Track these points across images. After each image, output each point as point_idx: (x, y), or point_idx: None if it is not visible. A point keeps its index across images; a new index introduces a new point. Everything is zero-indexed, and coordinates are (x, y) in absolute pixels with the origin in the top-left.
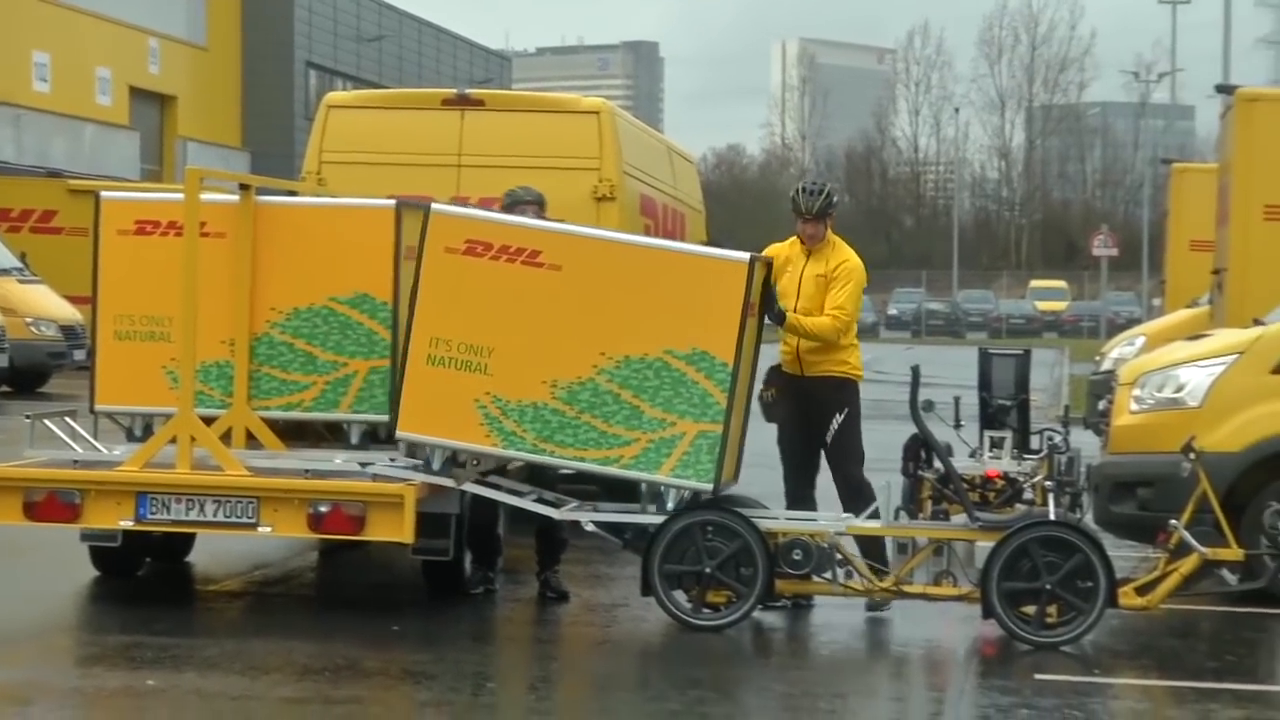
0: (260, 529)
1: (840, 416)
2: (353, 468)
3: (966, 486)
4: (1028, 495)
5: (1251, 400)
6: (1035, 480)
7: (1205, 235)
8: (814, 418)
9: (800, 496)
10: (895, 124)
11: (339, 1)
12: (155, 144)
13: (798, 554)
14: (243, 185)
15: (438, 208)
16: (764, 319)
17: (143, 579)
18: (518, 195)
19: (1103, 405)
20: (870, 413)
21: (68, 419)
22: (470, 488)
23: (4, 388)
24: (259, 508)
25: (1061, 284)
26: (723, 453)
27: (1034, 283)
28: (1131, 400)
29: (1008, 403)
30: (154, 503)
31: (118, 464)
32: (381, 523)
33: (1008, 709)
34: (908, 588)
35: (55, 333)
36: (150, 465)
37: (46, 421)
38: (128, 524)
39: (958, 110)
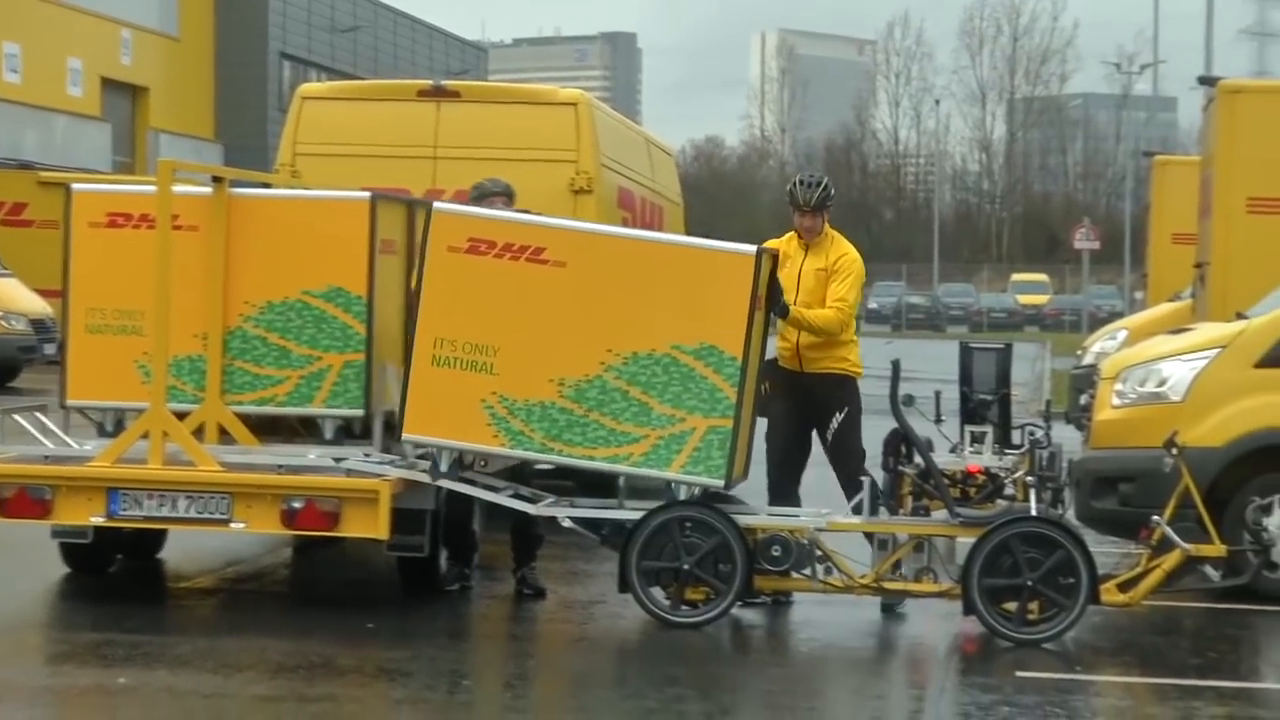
0: (233, 525)
1: (841, 415)
2: (327, 463)
3: (947, 482)
4: (1009, 491)
5: (1234, 395)
6: (1016, 476)
7: (1187, 228)
8: (812, 415)
9: (784, 492)
10: (875, 116)
11: None
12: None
13: (777, 550)
14: (216, 177)
15: (440, 206)
16: (769, 312)
17: (114, 575)
18: (485, 188)
19: (1084, 400)
20: None
21: (38, 414)
22: (446, 483)
23: None
24: (232, 504)
25: (1043, 277)
26: (733, 448)
27: (1015, 276)
28: (1113, 395)
29: (989, 397)
30: (125, 499)
31: (89, 459)
32: (356, 519)
33: (989, 707)
34: (888, 584)
35: (25, 326)
36: (122, 461)
37: (16, 416)
38: (99, 520)
39: (938, 102)
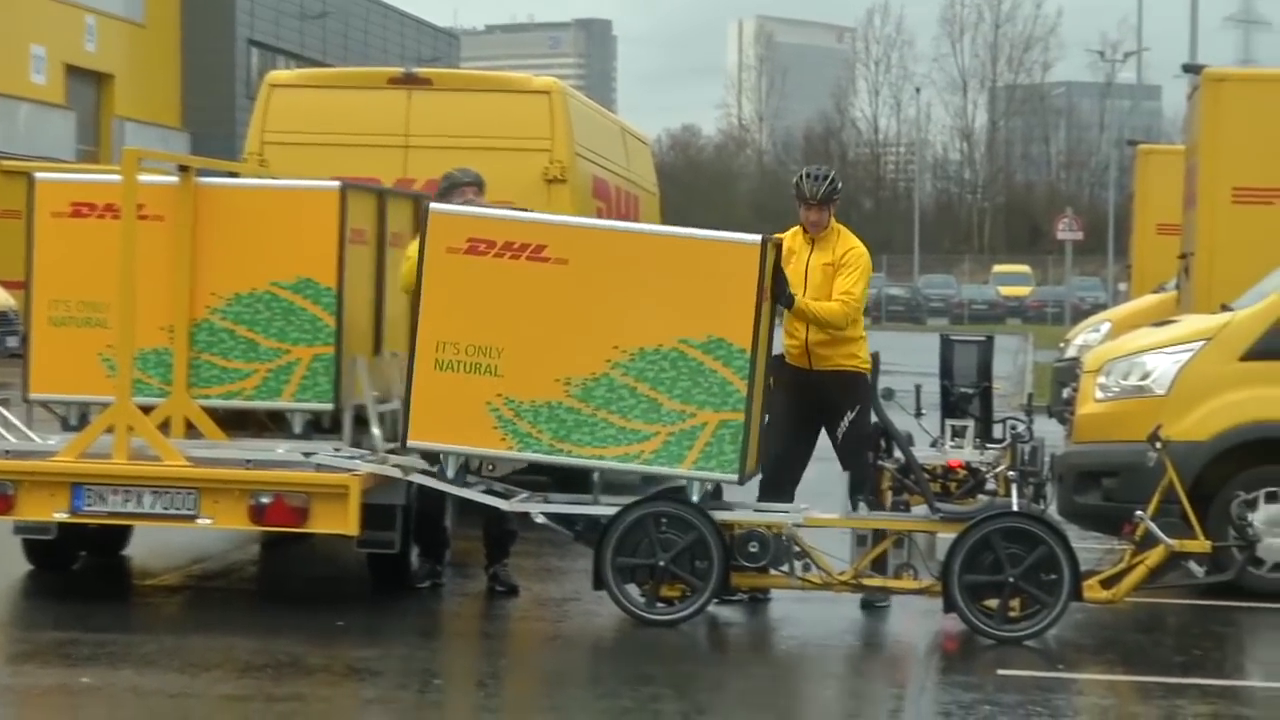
0: (200, 521)
1: (852, 414)
2: (296, 458)
3: (928, 477)
4: (990, 486)
5: (1219, 388)
6: (998, 470)
7: (1172, 219)
8: (821, 413)
9: (778, 491)
10: (855, 104)
11: None
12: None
13: (754, 546)
14: (182, 166)
15: (437, 207)
16: (774, 304)
17: (78, 573)
18: (455, 178)
19: (1067, 393)
20: None
21: (0, 408)
22: (417, 479)
23: None
24: (199, 499)
25: (1025, 269)
26: (746, 442)
27: (997, 267)
28: (1096, 388)
29: (970, 391)
30: (90, 494)
31: (52, 454)
32: (325, 515)
33: (969, 705)
34: (867, 580)
35: None
36: (86, 455)
37: None
38: (63, 516)
39: (919, 90)
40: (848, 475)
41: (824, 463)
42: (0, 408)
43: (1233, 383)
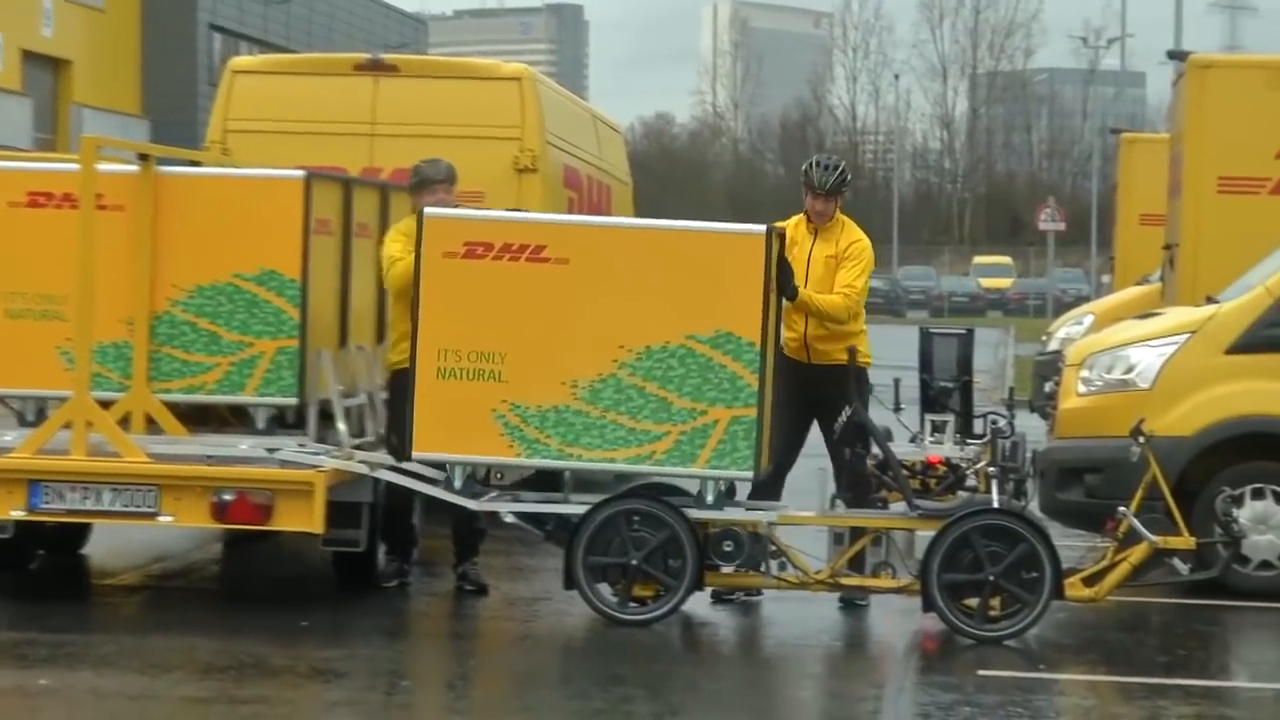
0: (161, 519)
1: (849, 409)
2: (259, 454)
3: (906, 473)
4: (970, 482)
5: (1204, 382)
6: (978, 466)
7: (1156, 209)
8: (817, 408)
9: (771, 484)
10: (832, 91)
11: None
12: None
13: (729, 545)
14: (142, 155)
15: (431, 211)
16: (778, 295)
17: (35, 572)
18: (425, 174)
19: (1049, 387)
20: None
21: None
22: (384, 475)
23: None
24: (159, 496)
25: (1006, 260)
26: (759, 437)
27: (977, 259)
28: (1079, 382)
29: (950, 385)
30: (47, 491)
31: (9, 450)
32: (289, 512)
33: (949, 706)
34: (844, 579)
35: None
36: (43, 452)
37: None
38: (19, 514)
39: (898, 77)
40: (838, 472)
41: (800, 459)
42: None
43: (1218, 377)
